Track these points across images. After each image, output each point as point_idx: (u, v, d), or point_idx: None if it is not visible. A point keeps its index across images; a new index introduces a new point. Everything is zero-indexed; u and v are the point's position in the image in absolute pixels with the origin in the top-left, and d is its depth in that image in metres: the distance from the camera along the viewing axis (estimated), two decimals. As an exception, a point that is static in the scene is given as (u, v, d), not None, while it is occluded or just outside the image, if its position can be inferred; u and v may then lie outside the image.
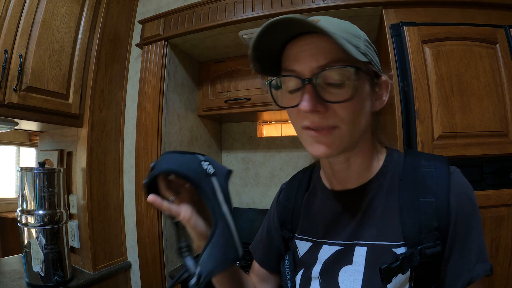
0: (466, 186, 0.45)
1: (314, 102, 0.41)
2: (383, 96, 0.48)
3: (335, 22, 0.44)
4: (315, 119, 0.42)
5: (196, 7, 1.34)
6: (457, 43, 0.98)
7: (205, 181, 0.45)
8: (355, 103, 0.42)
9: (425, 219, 0.43)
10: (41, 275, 1.15)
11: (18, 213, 1.17)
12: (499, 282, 0.90)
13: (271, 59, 0.46)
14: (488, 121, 0.94)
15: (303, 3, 1.15)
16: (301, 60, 0.42)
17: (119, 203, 1.57)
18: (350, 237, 0.48)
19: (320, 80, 0.42)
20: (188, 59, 1.60)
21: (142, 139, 1.39)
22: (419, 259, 0.41)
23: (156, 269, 1.33)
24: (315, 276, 0.50)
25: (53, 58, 1.22)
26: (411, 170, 0.48)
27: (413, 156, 0.51)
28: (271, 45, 0.44)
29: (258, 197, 1.80)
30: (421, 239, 0.42)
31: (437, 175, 0.45)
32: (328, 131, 0.43)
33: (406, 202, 0.45)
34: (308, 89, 0.41)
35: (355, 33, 0.44)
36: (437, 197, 0.43)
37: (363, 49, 0.43)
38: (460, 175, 0.46)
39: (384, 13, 1.06)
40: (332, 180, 0.53)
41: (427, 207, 0.43)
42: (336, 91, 0.41)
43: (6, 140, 3.48)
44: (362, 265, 0.45)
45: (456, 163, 0.48)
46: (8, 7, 1.07)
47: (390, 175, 0.49)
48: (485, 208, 0.90)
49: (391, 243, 0.44)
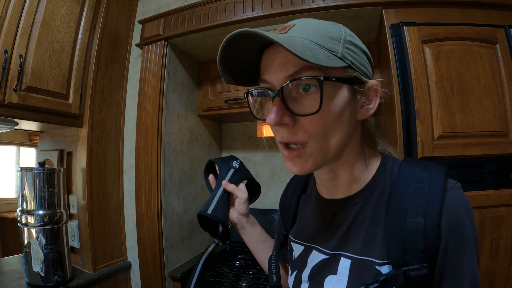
0: (462, 207, 0.40)
1: (281, 115, 0.39)
2: (371, 103, 0.44)
3: (312, 25, 0.41)
4: (283, 134, 0.41)
5: (196, 7, 1.34)
6: (457, 43, 0.98)
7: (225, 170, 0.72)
8: (325, 115, 0.39)
9: (412, 240, 0.39)
10: (41, 275, 1.15)
11: (18, 213, 1.17)
12: (499, 282, 0.90)
13: (247, 69, 0.45)
14: (488, 121, 0.94)
15: (303, 3, 1.15)
16: (271, 70, 0.41)
17: (119, 203, 1.57)
18: (336, 247, 0.47)
19: (292, 91, 0.40)
20: (188, 59, 1.60)
21: (142, 139, 1.39)
22: (403, 280, 0.38)
23: (156, 269, 1.33)
24: (304, 279, 0.51)
25: (53, 58, 1.22)
26: (402, 185, 0.43)
27: (408, 167, 0.45)
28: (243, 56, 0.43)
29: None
30: (406, 260, 0.39)
31: (430, 192, 0.41)
32: (298, 152, 0.41)
33: (393, 220, 0.42)
34: (275, 101, 0.40)
35: (333, 35, 0.40)
36: (427, 218, 0.39)
37: (340, 52, 0.39)
38: (457, 192, 0.41)
39: (384, 13, 1.06)
40: (321, 188, 0.53)
41: (414, 228, 0.39)
42: (307, 103, 0.39)
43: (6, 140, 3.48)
44: (346, 277, 0.44)
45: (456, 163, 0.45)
46: (8, 7, 1.07)
47: (380, 188, 0.46)
48: (485, 208, 0.90)
49: (375, 260, 0.42)
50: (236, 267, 1.38)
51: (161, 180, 1.34)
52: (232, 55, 0.42)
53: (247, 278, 1.22)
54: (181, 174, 1.49)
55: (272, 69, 0.41)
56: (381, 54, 1.23)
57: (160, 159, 1.34)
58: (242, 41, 0.39)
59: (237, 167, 0.73)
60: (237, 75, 0.46)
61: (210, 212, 0.65)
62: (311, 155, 0.41)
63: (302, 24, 0.42)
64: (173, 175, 1.43)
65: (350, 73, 0.41)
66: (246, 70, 0.45)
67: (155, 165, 1.34)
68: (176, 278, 1.32)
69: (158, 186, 1.33)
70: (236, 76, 0.46)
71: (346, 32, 0.43)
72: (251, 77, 0.46)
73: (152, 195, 1.34)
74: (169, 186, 1.39)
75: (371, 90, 0.44)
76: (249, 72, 0.46)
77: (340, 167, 0.47)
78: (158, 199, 1.33)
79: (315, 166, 0.42)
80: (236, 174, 0.72)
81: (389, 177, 0.46)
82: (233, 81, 0.46)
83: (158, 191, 1.33)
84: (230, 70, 0.44)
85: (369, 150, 0.50)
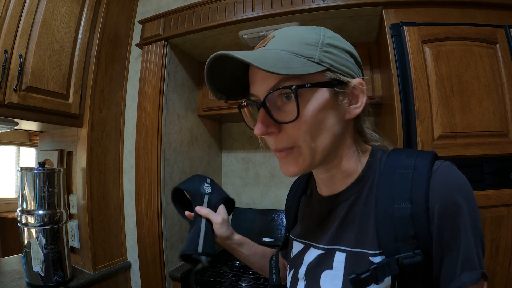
0: (451, 184, 0.40)
1: (266, 125, 0.42)
2: (358, 102, 0.45)
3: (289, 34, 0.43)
4: (271, 142, 0.44)
5: (196, 7, 1.34)
6: (457, 43, 0.98)
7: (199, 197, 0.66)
8: (307, 120, 0.41)
9: (400, 227, 0.39)
10: (41, 275, 1.15)
11: (18, 213, 1.17)
12: (499, 282, 0.90)
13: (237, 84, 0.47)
14: (488, 121, 0.94)
15: (303, 3, 1.15)
16: (255, 83, 0.44)
17: (119, 203, 1.57)
18: (331, 242, 0.48)
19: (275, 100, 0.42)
20: (188, 59, 1.60)
21: (142, 139, 1.39)
22: (397, 268, 0.38)
23: (156, 269, 1.33)
24: (301, 276, 0.52)
25: (53, 58, 1.22)
26: (388, 173, 0.44)
27: (394, 156, 0.46)
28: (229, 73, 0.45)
29: (258, 197, 1.80)
30: (398, 248, 0.39)
31: (415, 177, 0.41)
32: (287, 152, 0.43)
33: (381, 209, 0.42)
34: (260, 112, 0.42)
35: (310, 41, 0.42)
36: (413, 203, 0.39)
37: (317, 57, 0.41)
38: (444, 171, 0.41)
39: (384, 13, 1.06)
40: (321, 187, 0.54)
41: (402, 214, 0.40)
42: (289, 110, 0.41)
43: (6, 140, 3.48)
44: (341, 271, 0.44)
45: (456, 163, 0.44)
46: (8, 7, 1.07)
47: (371, 180, 0.47)
48: (485, 208, 0.90)
49: (368, 251, 0.42)
50: (236, 267, 1.38)
51: (161, 180, 1.34)
52: (218, 74, 0.45)
53: (247, 278, 1.22)
54: (181, 174, 1.49)
55: (256, 83, 0.43)
56: (381, 54, 1.23)
57: (160, 159, 1.35)
58: (223, 61, 0.42)
59: (209, 192, 0.67)
60: (226, 91, 0.48)
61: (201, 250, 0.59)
62: (300, 155, 0.43)
63: (280, 34, 0.44)
64: (173, 175, 1.43)
65: (329, 75, 0.42)
66: (234, 85, 0.48)
67: (155, 165, 1.34)
68: (176, 278, 1.32)
69: (158, 186, 1.33)
70: (226, 92, 0.48)
71: (326, 35, 0.43)
72: (241, 91, 0.48)
73: (152, 195, 1.34)
74: (169, 186, 1.39)
75: (356, 89, 0.44)
76: (239, 87, 0.48)
77: (335, 166, 0.48)
78: (158, 199, 1.33)
79: (305, 166, 0.44)
80: (212, 199, 0.66)
81: (378, 167, 0.47)
82: (224, 97, 0.48)
83: (158, 191, 1.33)
84: (220, 88, 0.47)
85: (363, 146, 0.51)
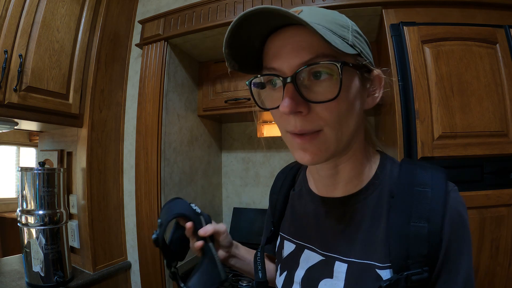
0: (461, 209, 0.41)
1: (295, 103, 0.37)
2: (376, 92, 0.44)
3: (320, 12, 0.40)
4: (297, 122, 0.39)
5: (196, 7, 1.34)
6: (457, 43, 0.98)
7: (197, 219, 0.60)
8: (341, 102, 0.38)
9: (415, 245, 0.39)
10: (41, 275, 1.15)
11: (18, 213, 1.17)
12: (499, 282, 0.90)
13: (250, 56, 0.42)
14: (488, 121, 0.94)
15: (303, 3, 1.15)
16: (282, 56, 0.38)
17: (119, 203, 1.57)
18: (331, 249, 0.46)
19: (303, 78, 0.38)
20: (188, 59, 1.60)
21: (142, 139, 1.39)
22: (404, 285, 0.38)
23: (156, 269, 1.33)
24: (297, 280, 0.49)
25: (53, 58, 1.22)
26: (404, 188, 0.43)
27: (408, 169, 0.45)
28: (248, 40, 0.40)
29: (258, 197, 1.80)
30: (408, 265, 0.38)
31: (433, 196, 0.40)
32: (312, 136, 0.39)
33: (395, 224, 0.41)
34: (289, 88, 0.37)
35: (342, 23, 0.40)
36: (430, 222, 0.39)
37: (350, 40, 0.39)
38: (456, 194, 0.42)
39: (384, 13, 1.06)
40: (318, 185, 0.51)
41: (418, 232, 0.39)
42: (320, 90, 0.38)
43: (6, 140, 3.48)
44: (342, 281, 0.43)
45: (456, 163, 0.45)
46: (8, 7, 1.07)
47: (379, 189, 0.45)
48: (485, 208, 0.90)
49: (375, 263, 0.41)
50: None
51: (161, 180, 1.34)
52: (239, 38, 0.39)
53: (247, 278, 1.22)
54: (181, 174, 1.49)
55: (282, 55, 0.38)
56: (381, 54, 1.23)
57: (160, 159, 1.34)
58: (253, 22, 0.37)
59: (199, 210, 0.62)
60: (240, 60, 0.42)
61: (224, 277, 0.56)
62: (325, 142, 0.40)
63: (310, 10, 0.40)
64: (173, 175, 1.43)
65: (360, 61, 0.40)
66: (248, 57, 0.42)
67: (155, 165, 1.34)
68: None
69: (158, 186, 1.33)
70: (239, 62, 0.43)
71: (351, 22, 0.42)
72: (252, 65, 0.44)
73: (152, 195, 1.34)
74: (169, 186, 1.39)
75: (376, 79, 0.44)
76: (251, 59, 0.43)
77: (344, 162, 0.46)
78: (158, 199, 1.33)
79: (328, 155, 0.41)
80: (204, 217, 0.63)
81: (388, 178, 0.46)
82: (236, 67, 0.43)
83: (158, 191, 1.33)
84: (234, 55, 0.41)
85: (371, 146, 0.50)
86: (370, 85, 0.43)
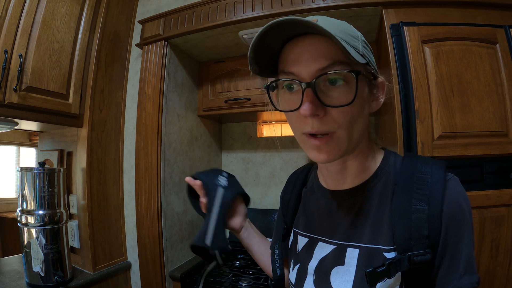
0: (461, 195, 0.44)
1: (315, 106, 0.40)
2: (380, 97, 0.48)
3: (334, 22, 0.43)
4: (314, 124, 0.42)
5: (196, 7, 1.34)
6: (457, 43, 0.98)
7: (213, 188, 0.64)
8: (354, 107, 0.42)
9: (416, 226, 0.42)
10: (41, 275, 1.15)
11: (18, 213, 1.17)
12: (499, 282, 0.90)
13: (269, 60, 0.46)
14: (488, 121, 0.94)
15: (303, 3, 1.15)
16: (301, 62, 0.42)
17: (119, 203, 1.57)
18: (343, 238, 0.49)
19: (321, 84, 0.41)
20: (188, 59, 1.60)
21: (142, 139, 1.39)
22: (408, 265, 0.40)
23: (156, 269, 1.33)
24: (310, 271, 0.52)
25: (53, 58, 1.22)
26: (406, 176, 0.47)
27: (410, 160, 0.49)
28: (268, 46, 0.43)
29: (258, 197, 1.80)
30: (411, 246, 0.41)
31: (432, 182, 0.44)
32: (327, 138, 0.43)
33: (398, 207, 0.45)
34: (308, 93, 0.41)
35: (352, 33, 0.43)
36: (430, 205, 0.42)
37: (361, 50, 0.42)
38: (456, 183, 0.45)
39: (384, 13, 1.06)
40: (327, 180, 0.54)
41: (419, 214, 0.42)
42: (335, 95, 0.41)
43: (6, 140, 3.48)
44: (353, 266, 0.45)
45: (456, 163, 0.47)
46: (8, 7, 1.07)
47: (384, 179, 0.49)
48: (485, 208, 0.90)
49: (382, 247, 0.44)
50: (236, 267, 1.38)
51: (161, 180, 1.34)
52: (263, 44, 0.42)
53: (247, 278, 1.22)
54: (181, 174, 1.49)
55: (302, 61, 0.42)
56: (381, 54, 1.23)
57: (160, 159, 1.35)
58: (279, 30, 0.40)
59: (226, 185, 0.65)
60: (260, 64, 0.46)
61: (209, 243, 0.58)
62: (338, 142, 0.43)
63: (325, 20, 0.42)
64: (173, 175, 1.43)
65: (369, 69, 0.45)
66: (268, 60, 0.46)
67: (155, 165, 1.34)
68: (176, 278, 1.32)
69: (158, 186, 1.33)
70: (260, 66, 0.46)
71: (359, 32, 0.46)
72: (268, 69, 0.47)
73: (152, 195, 1.34)
74: (169, 186, 1.39)
75: (380, 85, 0.48)
76: (270, 63, 0.46)
77: (351, 158, 0.49)
78: (158, 199, 1.33)
79: (341, 153, 0.44)
80: (227, 193, 0.64)
81: (392, 169, 0.50)
82: (258, 71, 0.46)
83: (158, 191, 1.33)
84: (257, 59, 0.45)
85: (375, 144, 0.54)
86: (376, 91, 0.48)
